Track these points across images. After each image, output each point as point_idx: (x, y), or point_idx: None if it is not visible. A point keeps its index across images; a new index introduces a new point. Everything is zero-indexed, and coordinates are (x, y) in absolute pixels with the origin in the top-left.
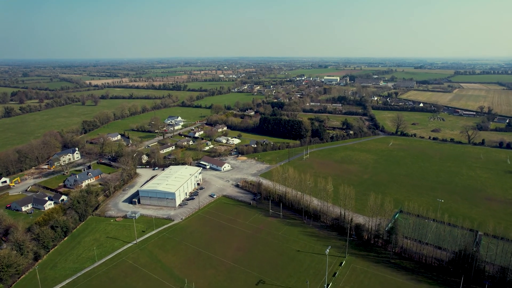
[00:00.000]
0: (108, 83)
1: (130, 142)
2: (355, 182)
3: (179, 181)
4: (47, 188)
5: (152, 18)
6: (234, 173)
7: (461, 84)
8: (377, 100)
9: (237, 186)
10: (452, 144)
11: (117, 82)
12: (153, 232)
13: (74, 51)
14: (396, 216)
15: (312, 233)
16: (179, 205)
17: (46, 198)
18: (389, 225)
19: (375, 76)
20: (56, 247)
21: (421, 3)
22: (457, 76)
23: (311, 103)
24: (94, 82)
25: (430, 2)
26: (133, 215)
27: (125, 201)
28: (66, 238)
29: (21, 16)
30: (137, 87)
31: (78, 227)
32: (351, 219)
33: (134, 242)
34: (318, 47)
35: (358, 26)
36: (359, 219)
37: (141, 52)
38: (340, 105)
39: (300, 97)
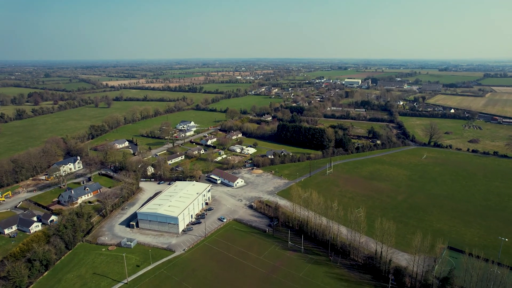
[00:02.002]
0: (124, 84)
1: (138, 150)
2: (389, 205)
3: (184, 201)
4: (38, 205)
5: (173, 20)
6: (248, 190)
7: (493, 87)
8: (403, 105)
9: (250, 207)
10: (496, 158)
11: (134, 83)
12: (149, 267)
13: (97, 52)
14: (443, 254)
15: (341, 275)
16: (182, 230)
17: (34, 219)
18: (436, 267)
19: (398, 79)
20: (32, 285)
21: (444, 2)
22: (487, 79)
23: (332, 108)
24: (111, 83)
25: (454, 2)
26: (128, 243)
27: (122, 223)
28: (46, 273)
29: (50, 18)
30: (153, 89)
31: (63, 257)
32: (390, 260)
33: (125, 281)
34: (337, 48)
35: (378, 27)
36: (398, 257)
37: (161, 53)
38: (364, 110)
39: (320, 101)
